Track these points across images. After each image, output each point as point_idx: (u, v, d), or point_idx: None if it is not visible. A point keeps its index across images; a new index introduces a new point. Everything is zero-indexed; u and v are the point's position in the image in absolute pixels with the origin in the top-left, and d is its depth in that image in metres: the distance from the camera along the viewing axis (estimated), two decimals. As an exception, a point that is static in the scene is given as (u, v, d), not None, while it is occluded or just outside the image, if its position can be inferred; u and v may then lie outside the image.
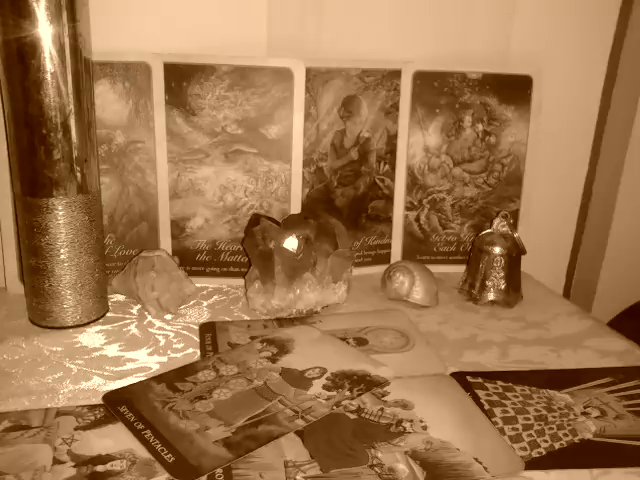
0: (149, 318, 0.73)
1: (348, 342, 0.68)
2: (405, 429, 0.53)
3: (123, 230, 0.80)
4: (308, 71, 0.78)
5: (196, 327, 0.71)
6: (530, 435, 0.53)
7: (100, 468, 0.47)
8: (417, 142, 0.86)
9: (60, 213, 0.66)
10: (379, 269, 0.86)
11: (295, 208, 0.82)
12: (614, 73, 0.92)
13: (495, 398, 0.58)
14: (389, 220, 0.88)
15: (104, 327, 0.71)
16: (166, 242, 0.81)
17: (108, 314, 0.74)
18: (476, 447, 0.51)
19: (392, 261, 0.88)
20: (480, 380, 0.61)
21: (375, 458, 0.49)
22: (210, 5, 0.78)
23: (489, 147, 0.87)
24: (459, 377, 0.62)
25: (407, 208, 0.88)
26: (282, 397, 0.56)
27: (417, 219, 0.88)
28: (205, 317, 0.74)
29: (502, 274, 0.79)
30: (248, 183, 0.80)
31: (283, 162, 0.80)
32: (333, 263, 0.75)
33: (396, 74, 0.83)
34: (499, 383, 0.61)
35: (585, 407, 0.57)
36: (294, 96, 0.78)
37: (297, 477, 0.47)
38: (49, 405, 0.56)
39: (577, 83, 0.92)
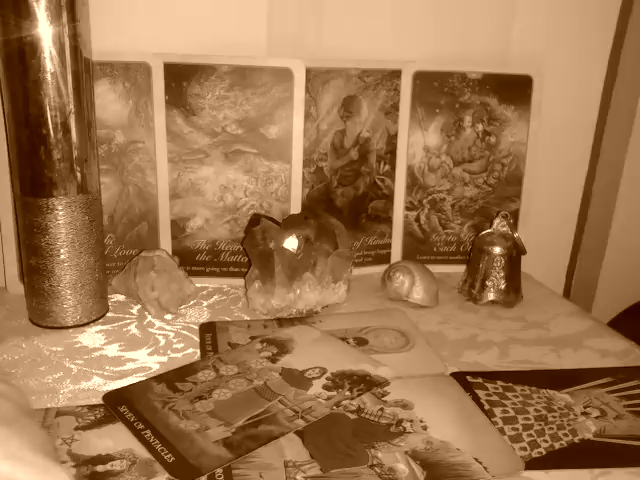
0: (149, 318, 0.73)
1: (348, 342, 0.68)
2: (405, 429, 0.53)
3: (123, 230, 0.80)
4: (308, 71, 0.78)
5: (196, 327, 0.71)
6: (530, 435, 0.53)
7: (100, 468, 0.47)
8: (417, 142, 0.86)
9: (60, 213, 0.66)
10: (379, 269, 0.86)
11: (295, 208, 0.82)
12: (614, 73, 0.92)
13: (495, 398, 0.58)
14: (389, 220, 0.88)
15: (104, 327, 0.71)
16: (166, 242, 0.81)
17: (108, 314, 0.74)
18: (476, 447, 0.51)
19: (392, 261, 0.88)
20: (480, 380, 0.61)
21: (375, 458, 0.49)
22: (210, 5, 0.78)
23: (489, 147, 0.87)
24: (459, 377, 0.61)
25: (407, 208, 0.87)
26: (282, 397, 0.56)
27: (417, 219, 0.88)
28: (205, 317, 0.74)
29: (502, 274, 0.79)
30: (248, 183, 0.80)
31: (283, 162, 0.80)
32: (333, 263, 0.75)
33: (396, 74, 0.83)
34: (499, 383, 0.61)
35: (585, 407, 0.57)
36: (294, 96, 0.78)
37: (297, 477, 0.47)
38: (49, 405, 0.56)
39: (577, 83, 0.92)
